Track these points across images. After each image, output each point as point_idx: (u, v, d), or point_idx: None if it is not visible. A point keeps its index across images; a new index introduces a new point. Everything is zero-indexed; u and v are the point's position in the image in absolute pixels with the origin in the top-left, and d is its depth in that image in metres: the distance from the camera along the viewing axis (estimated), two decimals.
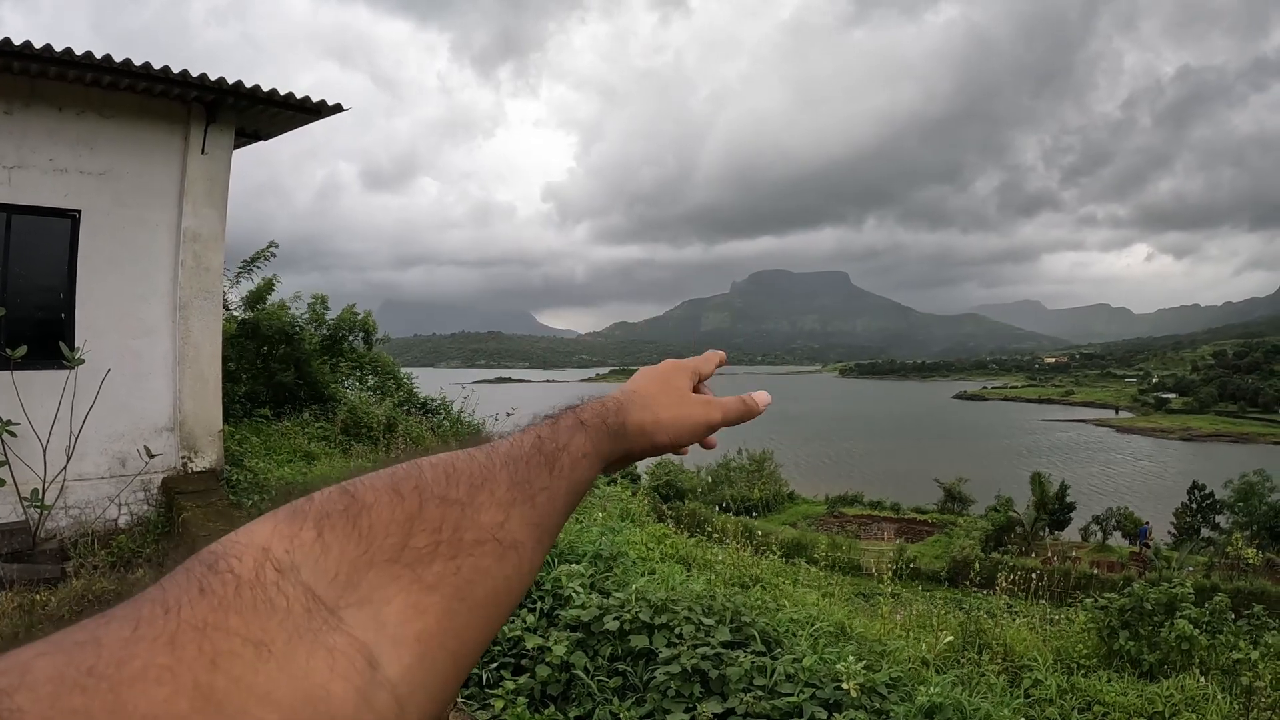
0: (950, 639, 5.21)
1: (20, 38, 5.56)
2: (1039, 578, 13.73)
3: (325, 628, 0.33)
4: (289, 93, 6.65)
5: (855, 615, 5.81)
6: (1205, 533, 31.85)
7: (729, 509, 26.09)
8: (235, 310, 10.58)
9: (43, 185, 6.08)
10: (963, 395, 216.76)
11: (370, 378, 12.38)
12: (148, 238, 6.58)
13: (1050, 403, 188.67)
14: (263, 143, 7.71)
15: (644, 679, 3.29)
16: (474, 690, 3.32)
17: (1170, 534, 33.19)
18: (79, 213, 6.26)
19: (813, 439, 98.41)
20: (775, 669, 3.24)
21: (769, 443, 39.09)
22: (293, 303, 11.18)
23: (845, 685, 3.11)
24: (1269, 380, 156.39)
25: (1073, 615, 7.59)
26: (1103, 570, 19.83)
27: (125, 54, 6.12)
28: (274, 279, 10.80)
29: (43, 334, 6.09)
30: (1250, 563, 18.76)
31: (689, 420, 0.61)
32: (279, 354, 10.07)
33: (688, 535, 10.70)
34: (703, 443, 0.66)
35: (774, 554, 11.07)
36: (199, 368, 6.76)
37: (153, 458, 6.43)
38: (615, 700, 3.20)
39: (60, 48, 5.63)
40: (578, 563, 4.43)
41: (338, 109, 7.02)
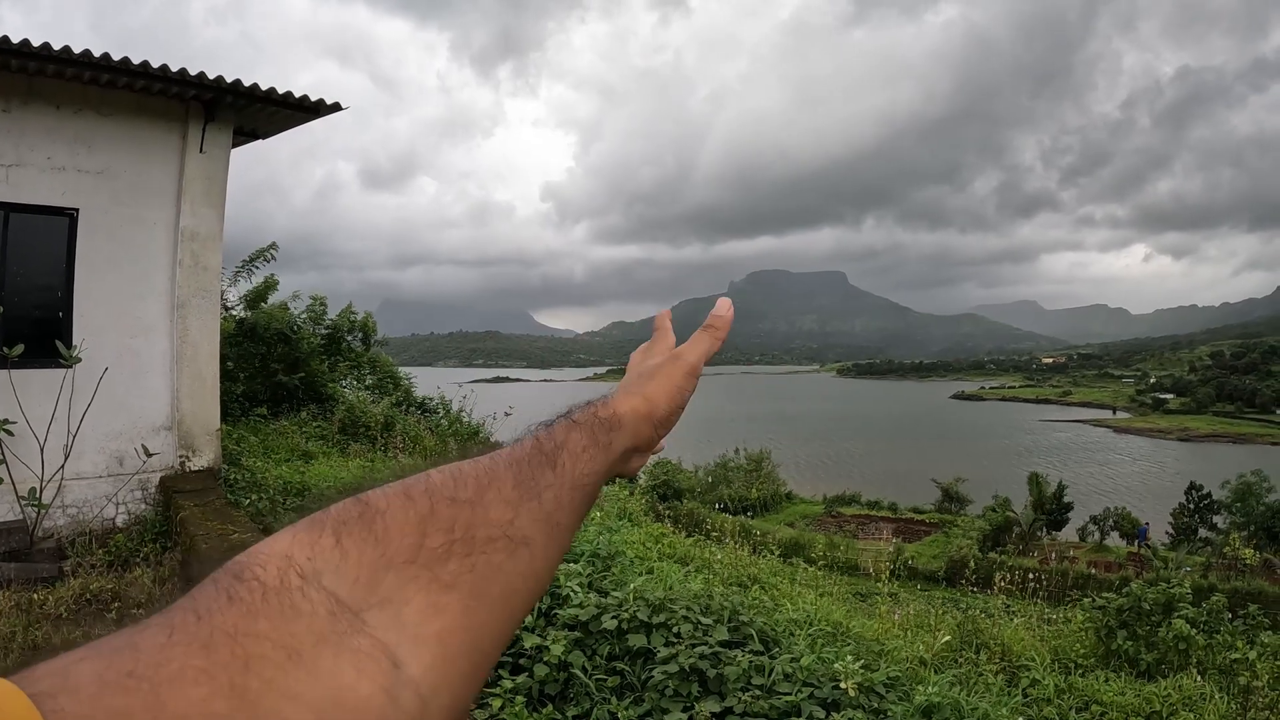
0: (948, 638, 5.23)
1: (19, 35, 5.57)
2: (1036, 578, 13.76)
3: (349, 630, 0.34)
4: (287, 91, 6.64)
5: (853, 615, 5.82)
6: (1203, 533, 31.96)
7: (727, 509, 26.13)
8: (234, 309, 10.57)
9: (40, 183, 6.07)
10: (960, 395, 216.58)
11: (368, 377, 12.39)
12: (146, 236, 6.57)
13: (1048, 403, 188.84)
14: (261, 141, 7.70)
15: (642, 678, 3.29)
16: None
17: (1168, 534, 33.28)
18: (77, 211, 6.25)
19: (811, 439, 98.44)
20: (773, 668, 3.24)
21: (767, 442, 39.15)
22: (292, 302, 11.20)
23: (843, 685, 3.12)
24: (1266, 381, 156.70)
25: (1070, 615, 7.61)
26: (1100, 570, 19.88)
27: (124, 52, 6.11)
28: (274, 279, 10.81)
29: (40, 332, 6.07)
30: (1247, 563, 18.84)
31: (671, 380, 0.62)
32: (277, 354, 10.07)
33: (685, 535, 10.72)
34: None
35: (772, 553, 11.08)
36: (197, 367, 6.75)
37: (150, 457, 6.42)
38: (613, 699, 3.20)
39: (59, 46, 5.62)
40: (575, 562, 4.43)
41: (336, 108, 7.00)
